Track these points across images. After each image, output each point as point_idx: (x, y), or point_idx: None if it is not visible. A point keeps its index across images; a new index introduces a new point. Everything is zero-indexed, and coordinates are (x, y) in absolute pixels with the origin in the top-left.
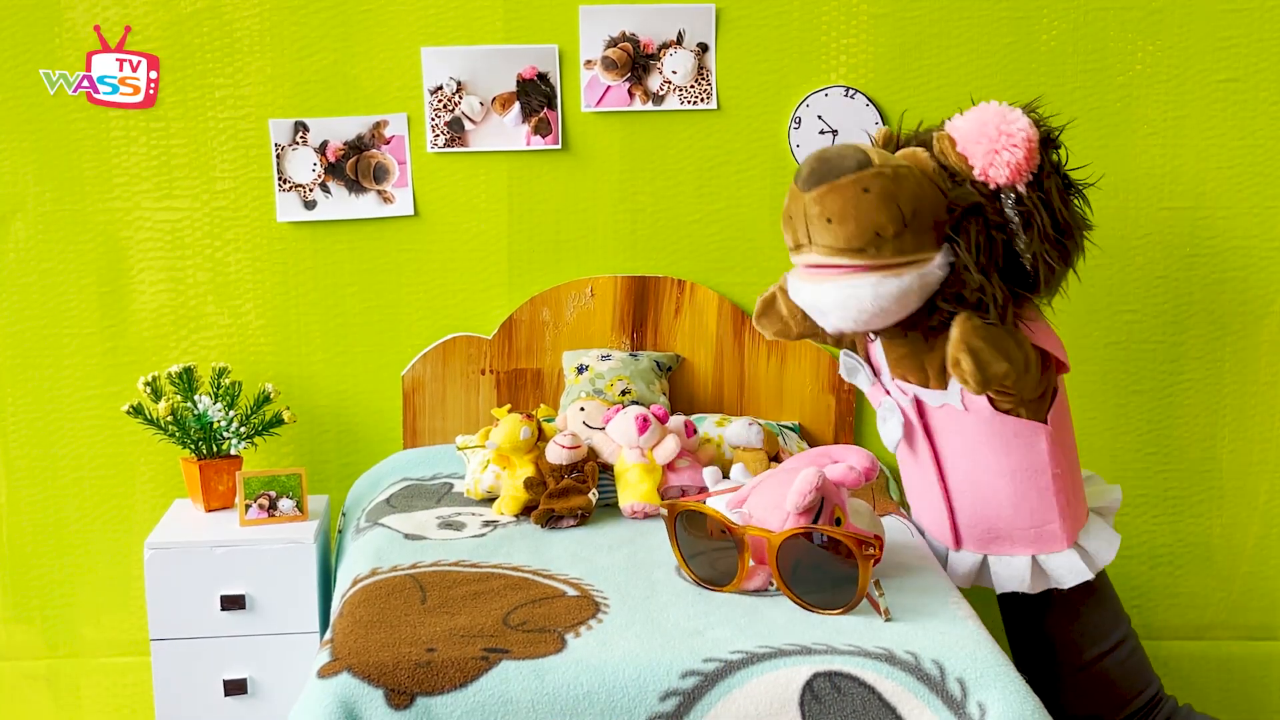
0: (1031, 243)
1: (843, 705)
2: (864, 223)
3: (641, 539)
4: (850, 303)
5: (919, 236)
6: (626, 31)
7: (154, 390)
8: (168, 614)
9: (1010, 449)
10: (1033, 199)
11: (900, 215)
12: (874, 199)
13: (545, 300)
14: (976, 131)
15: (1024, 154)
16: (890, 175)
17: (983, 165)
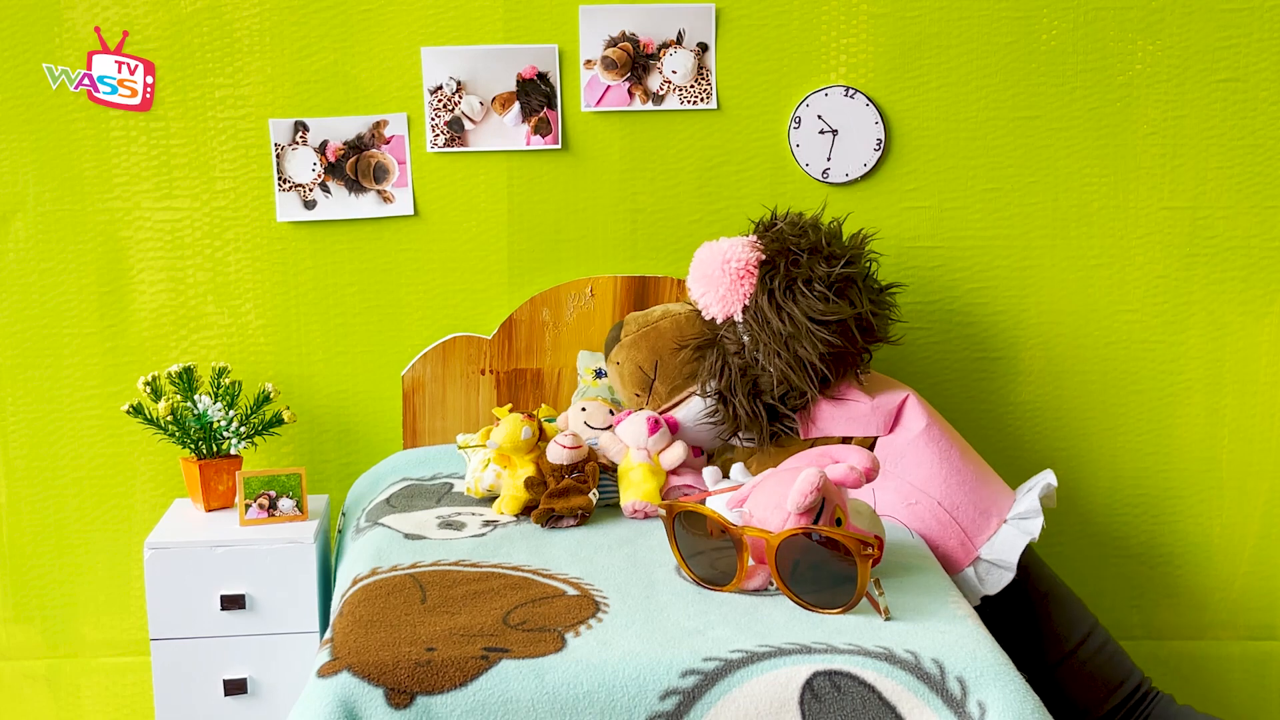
0: (765, 355)
1: (843, 704)
2: (625, 389)
3: (641, 539)
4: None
5: (668, 383)
6: (626, 31)
7: (154, 390)
8: (168, 614)
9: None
10: (749, 321)
11: (642, 375)
12: (622, 368)
13: (545, 300)
14: (696, 272)
15: (728, 285)
16: (630, 343)
17: (704, 305)
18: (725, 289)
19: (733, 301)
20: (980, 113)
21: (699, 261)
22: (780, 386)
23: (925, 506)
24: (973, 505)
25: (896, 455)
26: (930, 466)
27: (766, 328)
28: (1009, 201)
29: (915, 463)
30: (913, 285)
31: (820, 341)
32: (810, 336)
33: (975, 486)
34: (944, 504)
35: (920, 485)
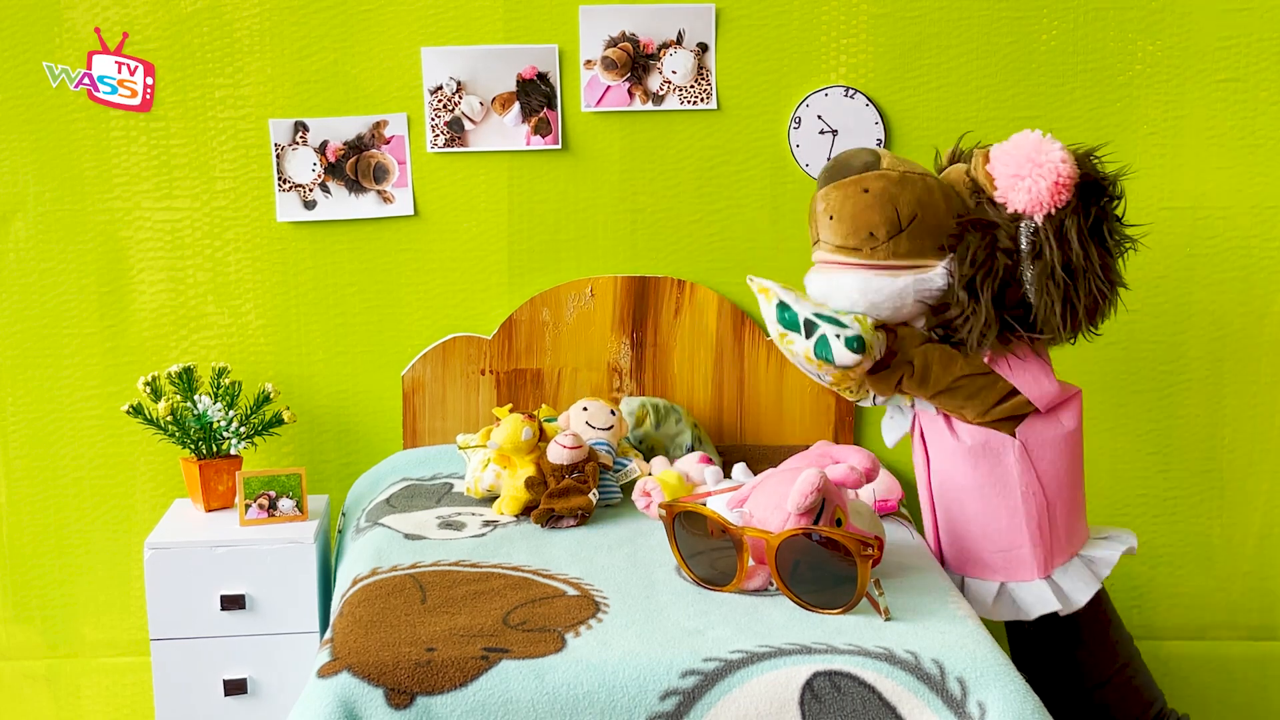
0: (1037, 276)
1: (843, 705)
2: (859, 221)
3: (641, 539)
4: (836, 295)
5: (916, 242)
6: (626, 31)
7: (154, 390)
8: (168, 614)
9: (977, 459)
10: (1046, 232)
11: (895, 218)
12: (871, 199)
13: (545, 300)
14: (1009, 154)
15: (1047, 185)
16: (895, 179)
17: (1003, 186)
18: (1044, 187)
19: (1041, 204)
20: (980, 113)
21: (1020, 144)
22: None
23: (1035, 504)
24: (1067, 528)
25: (1042, 443)
26: (1063, 472)
27: (1059, 249)
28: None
29: (1053, 459)
30: None
31: (1096, 292)
32: (1089, 282)
33: (1074, 512)
34: (1050, 511)
35: (1045, 481)
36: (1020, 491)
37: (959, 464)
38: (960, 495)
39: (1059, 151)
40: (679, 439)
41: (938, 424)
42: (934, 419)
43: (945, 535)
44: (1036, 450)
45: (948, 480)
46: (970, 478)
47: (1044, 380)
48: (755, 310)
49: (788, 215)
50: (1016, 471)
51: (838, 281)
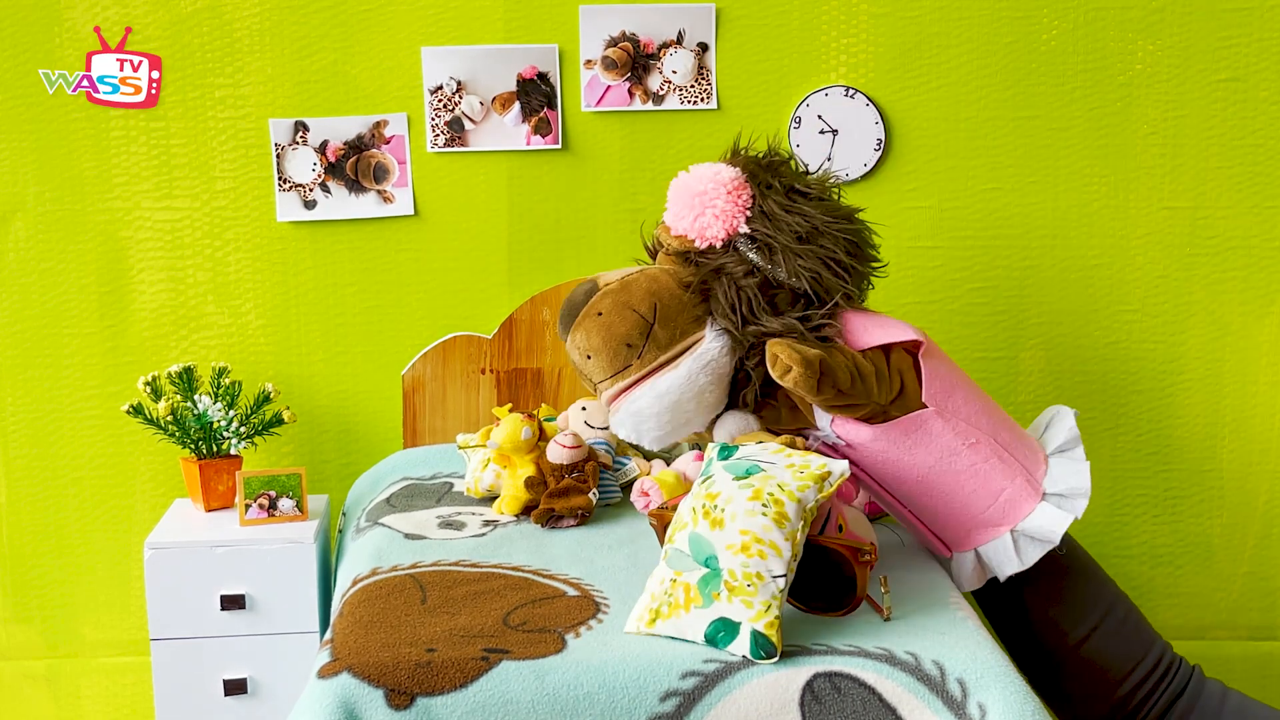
0: (785, 266)
1: (843, 706)
2: (611, 342)
3: (642, 539)
4: (644, 422)
5: (671, 327)
6: (626, 31)
7: (154, 390)
8: (168, 614)
9: (912, 450)
10: (758, 229)
11: (639, 319)
12: (608, 317)
13: (545, 300)
14: (674, 206)
15: (723, 200)
16: (616, 288)
17: (696, 233)
18: (723, 203)
19: (735, 215)
20: (980, 113)
21: (681, 189)
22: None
23: (985, 445)
24: (1022, 442)
25: (944, 390)
26: (975, 401)
27: (782, 231)
28: (1009, 201)
29: (963, 398)
30: (913, 285)
31: (842, 235)
32: (831, 230)
33: (1014, 424)
34: (999, 440)
35: (973, 422)
36: (966, 446)
37: (899, 464)
38: (923, 488)
39: (708, 172)
40: (676, 450)
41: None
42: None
43: (939, 528)
44: (946, 402)
45: (901, 484)
46: (916, 468)
47: (890, 323)
48: None
49: None
50: (950, 432)
51: (632, 409)
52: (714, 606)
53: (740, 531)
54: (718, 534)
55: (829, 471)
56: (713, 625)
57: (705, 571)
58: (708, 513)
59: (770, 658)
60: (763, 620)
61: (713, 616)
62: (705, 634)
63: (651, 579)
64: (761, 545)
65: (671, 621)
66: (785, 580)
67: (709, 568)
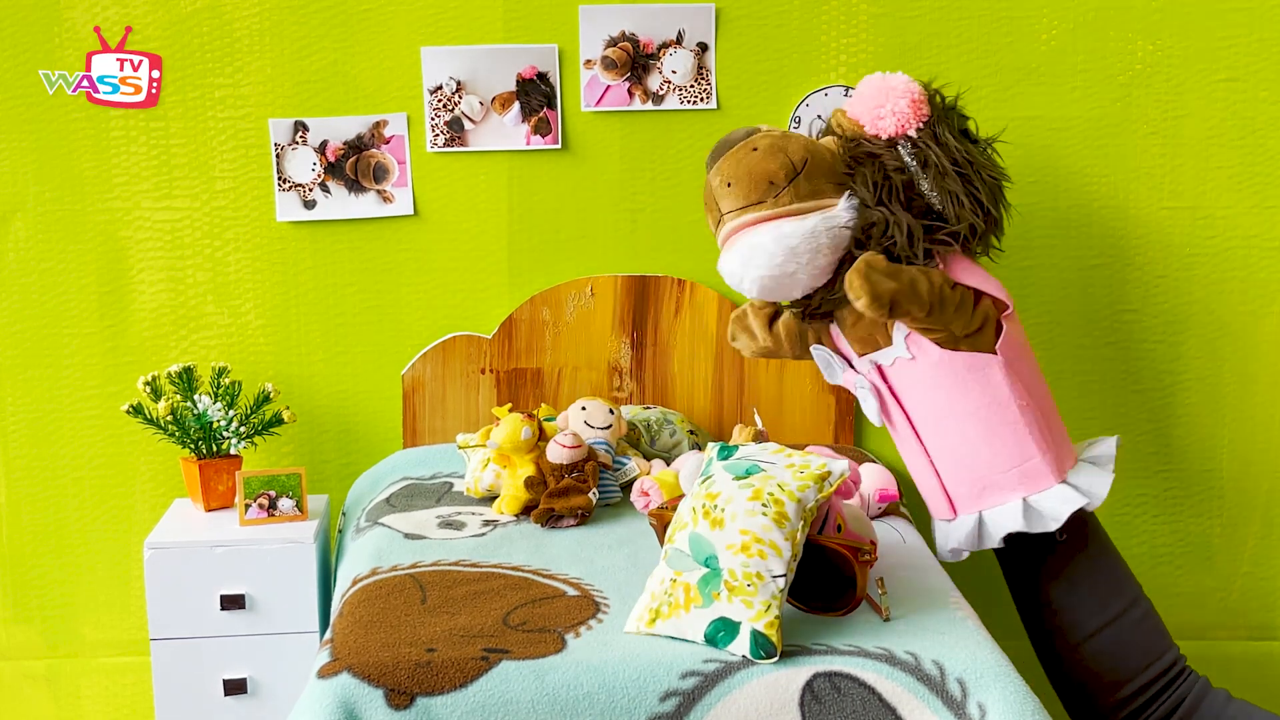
0: (932, 180)
1: (843, 705)
2: (756, 175)
3: (641, 539)
4: (757, 255)
5: (814, 183)
6: (626, 31)
7: (154, 390)
8: (168, 614)
9: (967, 386)
10: (924, 141)
11: (789, 163)
12: (761, 154)
13: (545, 300)
14: (862, 97)
15: (906, 103)
16: (778, 135)
17: (870, 120)
18: (905, 106)
19: (910, 120)
20: (980, 113)
21: (873, 82)
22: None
23: (1032, 412)
24: (1059, 434)
25: (1015, 353)
26: (1035, 378)
27: (944, 151)
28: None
29: (1027, 369)
30: None
31: (989, 180)
32: (978, 171)
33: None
34: (1046, 417)
35: (1030, 390)
36: (1016, 404)
37: (950, 395)
38: (960, 427)
39: (903, 76)
40: (676, 450)
41: (913, 368)
42: (905, 367)
43: (952, 477)
44: (1015, 363)
45: (941, 418)
46: (964, 405)
47: (993, 279)
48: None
49: None
50: (1007, 386)
51: (750, 241)
52: (714, 606)
53: (740, 531)
54: (718, 534)
55: (829, 471)
56: (713, 625)
57: (705, 571)
58: (708, 513)
59: (770, 657)
60: (763, 620)
61: (713, 616)
62: (705, 634)
63: (651, 579)
64: (761, 545)
65: (671, 621)
66: (785, 580)
67: (709, 567)
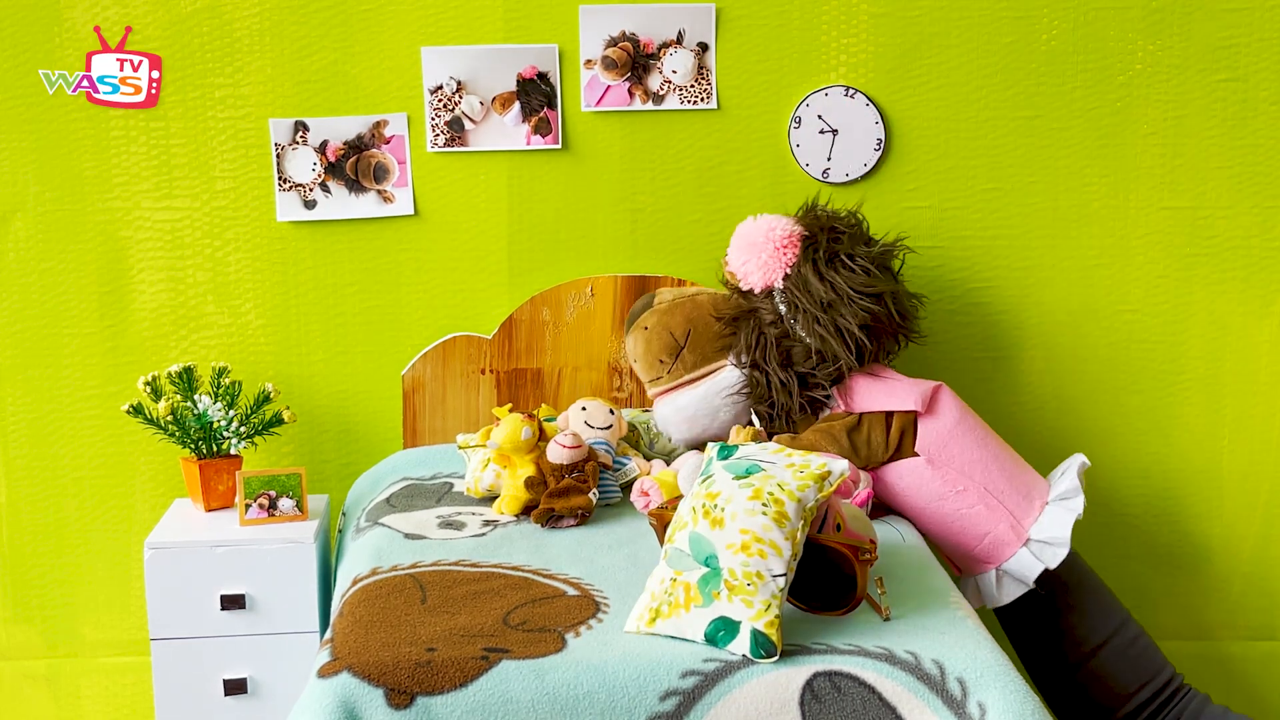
0: (804, 324)
1: (843, 705)
2: (649, 355)
3: (642, 539)
4: (667, 425)
5: (698, 352)
6: (626, 31)
7: (154, 390)
8: (168, 614)
9: (907, 489)
10: (792, 286)
11: (672, 340)
12: (650, 333)
13: (545, 300)
14: (736, 247)
15: (768, 254)
16: (665, 309)
17: (741, 275)
18: (768, 256)
19: (775, 269)
20: (980, 113)
21: (741, 233)
22: (813, 358)
23: (972, 493)
24: (1015, 490)
25: (939, 443)
26: (973, 452)
27: (807, 294)
28: (1009, 201)
29: (959, 449)
30: (913, 285)
31: (862, 311)
32: (852, 305)
33: (1015, 472)
34: (989, 489)
35: (965, 471)
36: (952, 493)
37: (896, 499)
38: (921, 520)
39: (768, 221)
40: (676, 453)
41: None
42: None
43: (941, 548)
44: (940, 450)
45: (905, 511)
46: (915, 503)
47: (899, 387)
48: None
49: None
50: (938, 480)
51: (660, 412)
52: (714, 606)
53: (740, 531)
54: (718, 533)
55: (829, 471)
56: (713, 624)
57: (705, 571)
58: (708, 512)
59: (770, 657)
60: (763, 619)
61: (713, 616)
62: (705, 633)
63: (651, 578)
64: (761, 544)
65: (671, 621)
66: (785, 579)
67: (709, 567)
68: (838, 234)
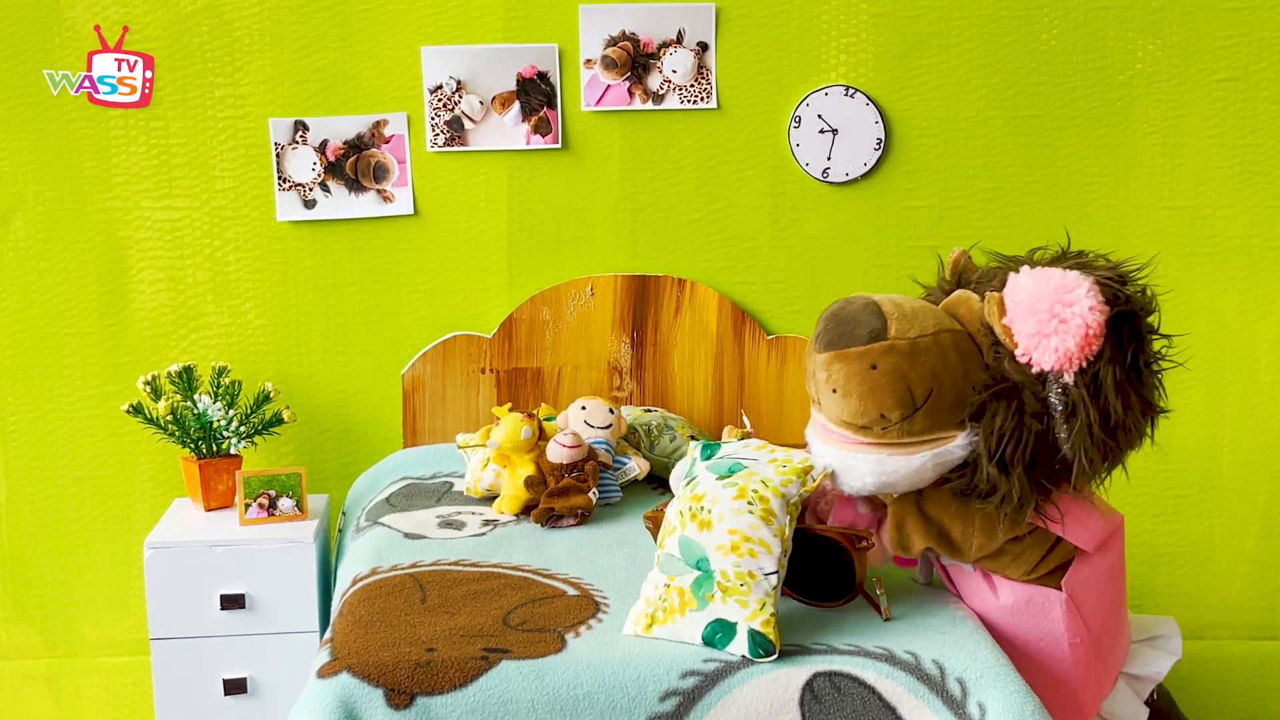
0: (1072, 435)
1: (843, 705)
2: (868, 402)
3: (642, 538)
4: (850, 474)
5: (933, 418)
6: (626, 30)
7: (154, 390)
8: (167, 613)
9: (1020, 620)
10: (1080, 389)
11: (910, 398)
12: (880, 378)
13: (545, 299)
14: (1029, 303)
15: (1076, 342)
16: (906, 351)
17: (1026, 347)
18: (1073, 345)
19: (1071, 361)
20: (980, 113)
21: (1039, 293)
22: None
23: (1085, 648)
24: (1111, 656)
25: (1087, 587)
26: (1109, 603)
27: (1095, 406)
28: (1009, 201)
29: (1099, 598)
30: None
31: (1139, 436)
32: (1135, 430)
33: (1121, 633)
34: (1099, 647)
35: (1090, 621)
36: (1068, 643)
37: (999, 622)
38: (1004, 644)
39: (1085, 299)
40: (676, 454)
41: (973, 580)
42: (967, 574)
43: None
44: (1082, 596)
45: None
46: (1013, 634)
47: (1089, 523)
48: (755, 309)
49: (788, 215)
50: (1063, 625)
51: (849, 463)
52: (709, 608)
53: (729, 531)
54: (707, 535)
55: (811, 465)
56: (710, 627)
57: (697, 574)
58: (695, 515)
59: (769, 655)
60: (759, 619)
61: (709, 619)
62: (703, 636)
63: (645, 584)
64: (751, 544)
65: (667, 626)
66: (777, 577)
67: (701, 570)
68: (1142, 328)
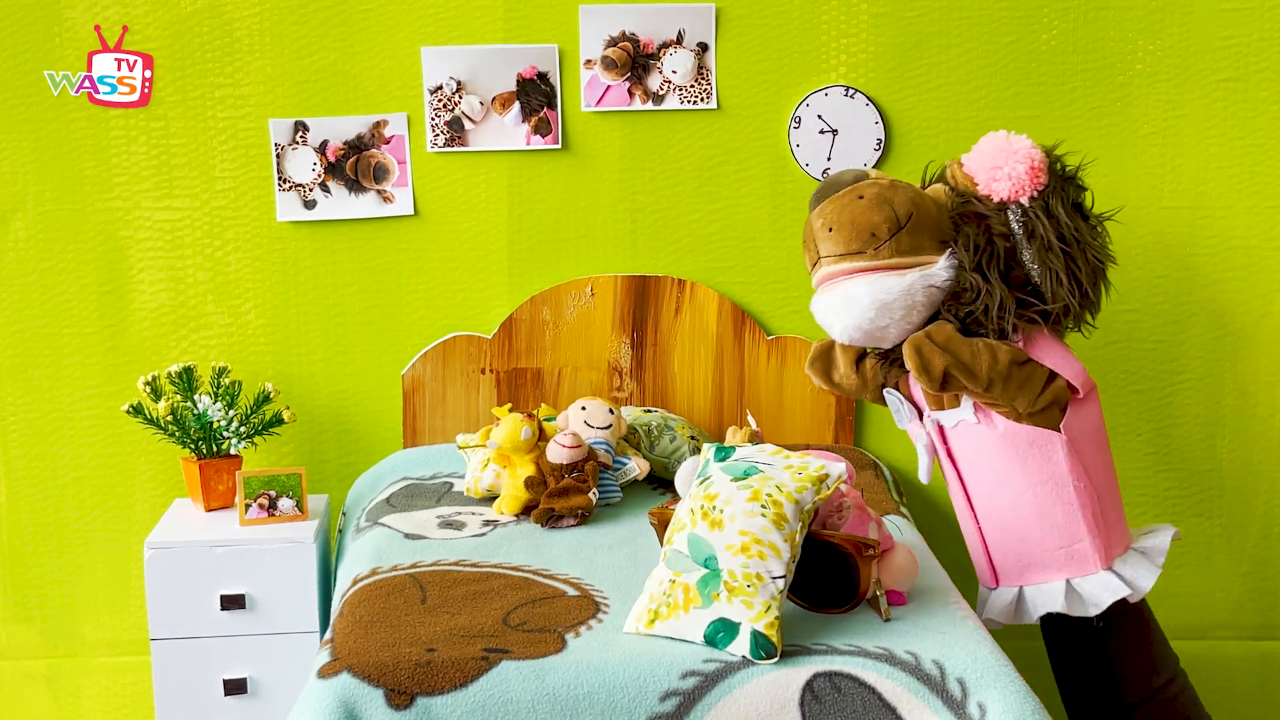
0: (1035, 252)
1: (843, 705)
2: (859, 224)
3: (642, 538)
4: (851, 306)
5: (917, 238)
6: (626, 31)
7: (154, 390)
8: (168, 614)
9: (1026, 460)
10: (1035, 211)
11: (894, 215)
12: (867, 202)
13: (545, 299)
14: (983, 153)
15: (1025, 169)
16: (886, 184)
17: (985, 180)
18: (1024, 171)
19: (1025, 186)
20: (980, 113)
21: (993, 140)
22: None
23: (1088, 496)
24: (1116, 517)
25: (1083, 435)
26: (1099, 459)
27: (1050, 223)
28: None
29: (1089, 451)
30: None
31: (1093, 261)
32: (1084, 251)
33: (1118, 503)
34: (1100, 502)
35: (1090, 475)
36: (1073, 485)
37: (1008, 466)
38: (1014, 499)
39: (1027, 141)
40: (677, 454)
41: (975, 434)
42: (967, 431)
43: (998, 547)
44: (1080, 442)
45: (995, 487)
46: (1020, 478)
47: (1074, 361)
48: (755, 309)
49: (788, 215)
50: (1067, 465)
51: (846, 291)
52: (713, 607)
53: (740, 532)
54: (717, 534)
55: (827, 474)
56: (712, 625)
57: (704, 572)
58: (706, 514)
59: (770, 658)
60: (763, 620)
61: (712, 617)
62: (705, 634)
63: (650, 580)
64: (761, 546)
65: (670, 622)
66: (785, 581)
67: (708, 568)
68: (1076, 182)
